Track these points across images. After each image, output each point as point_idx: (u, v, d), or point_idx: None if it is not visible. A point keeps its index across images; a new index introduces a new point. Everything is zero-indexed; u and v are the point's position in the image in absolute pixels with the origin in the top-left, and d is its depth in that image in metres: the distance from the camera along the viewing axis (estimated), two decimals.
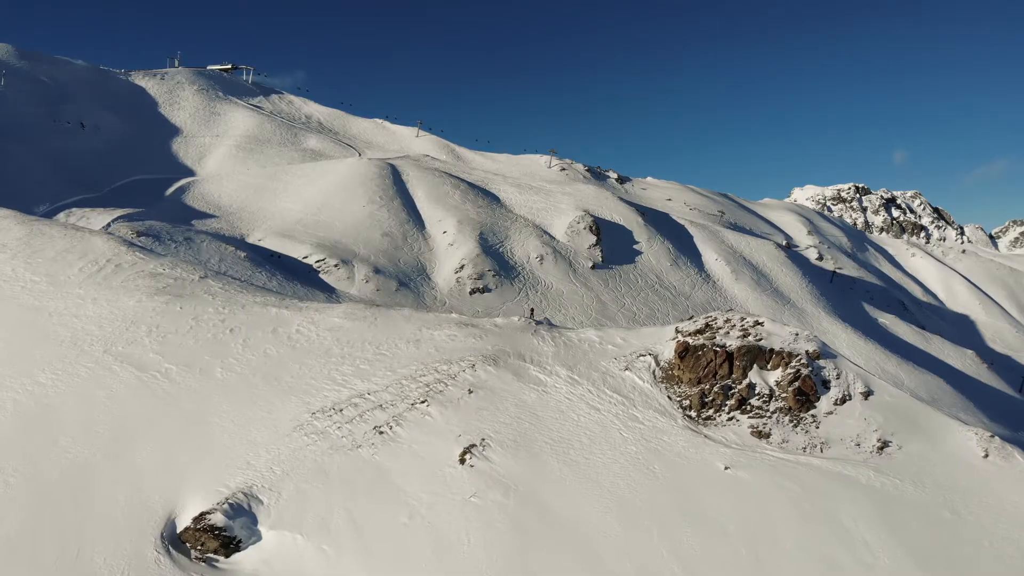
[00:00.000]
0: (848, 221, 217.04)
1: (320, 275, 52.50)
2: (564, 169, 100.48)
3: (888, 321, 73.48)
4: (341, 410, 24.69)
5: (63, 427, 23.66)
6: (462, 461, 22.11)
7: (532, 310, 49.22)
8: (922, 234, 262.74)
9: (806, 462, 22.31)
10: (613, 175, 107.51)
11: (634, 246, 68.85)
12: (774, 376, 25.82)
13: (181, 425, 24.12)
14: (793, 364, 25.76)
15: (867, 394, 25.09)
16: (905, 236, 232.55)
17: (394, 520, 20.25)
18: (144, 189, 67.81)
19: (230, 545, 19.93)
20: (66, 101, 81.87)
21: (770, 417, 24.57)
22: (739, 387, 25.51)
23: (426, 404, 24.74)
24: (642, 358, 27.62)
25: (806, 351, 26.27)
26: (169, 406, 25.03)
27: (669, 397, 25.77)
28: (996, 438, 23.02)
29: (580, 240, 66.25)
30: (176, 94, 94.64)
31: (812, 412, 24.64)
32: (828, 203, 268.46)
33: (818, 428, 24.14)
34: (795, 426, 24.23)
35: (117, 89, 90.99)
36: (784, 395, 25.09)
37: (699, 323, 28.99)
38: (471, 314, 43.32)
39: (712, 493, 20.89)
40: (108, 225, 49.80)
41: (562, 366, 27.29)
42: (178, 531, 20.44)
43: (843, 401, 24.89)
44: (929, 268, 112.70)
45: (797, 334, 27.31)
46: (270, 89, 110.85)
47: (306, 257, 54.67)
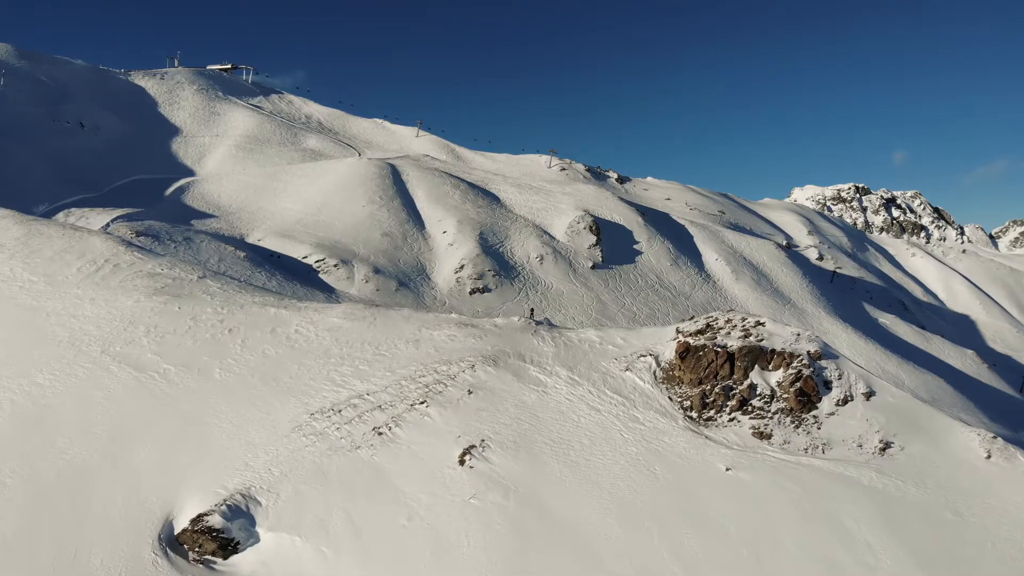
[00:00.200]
0: (848, 221, 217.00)
1: (320, 275, 52.38)
2: (564, 169, 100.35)
3: (888, 321, 73.36)
4: (340, 411, 24.57)
5: (60, 428, 23.56)
6: (461, 462, 21.99)
7: (532, 310, 49.10)
8: (922, 234, 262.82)
9: (808, 463, 22.21)
10: (613, 175, 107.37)
11: (634, 246, 68.75)
12: (775, 377, 25.70)
13: (179, 426, 24.02)
14: (795, 365, 25.63)
15: (869, 395, 24.97)
16: (905, 236, 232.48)
17: (393, 521, 20.15)
18: (144, 189, 67.65)
19: (228, 547, 19.83)
20: (66, 101, 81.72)
21: (771, 418, 24.45)
22: (740, 388, 25.38)
23: (425, 405, 24.62)
24: (643, 359, 27.50)
25: (807, 351, 26.15)
26: (167, 407, 24.92)
27: (670, 398, 25.65)
28: (999, 439, 22.91)
29: (580, 240, 66.14)
30: (176, 94, 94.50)
31: (814, 413, 24.53)
32: (828, 203, 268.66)
33: (820, 429, 24.02)
34: (797, 427, 24.10)
35: (117, 89, 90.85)
36: (785, 396, 24.97)
37: (700, 323, 28.87)
38: (471, 314, 43.21)
39: (713, 494, 20.81)
40: (107, 225, 49.66)
41: (562, 367, 27.17)
42: (176, 533, 20.34)
43: (845, 402, 24.78)
44: (929, 268, 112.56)
45: (799, 334, 27.20)
46: (270, 89, 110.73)
47: (306, 257, 54.56)
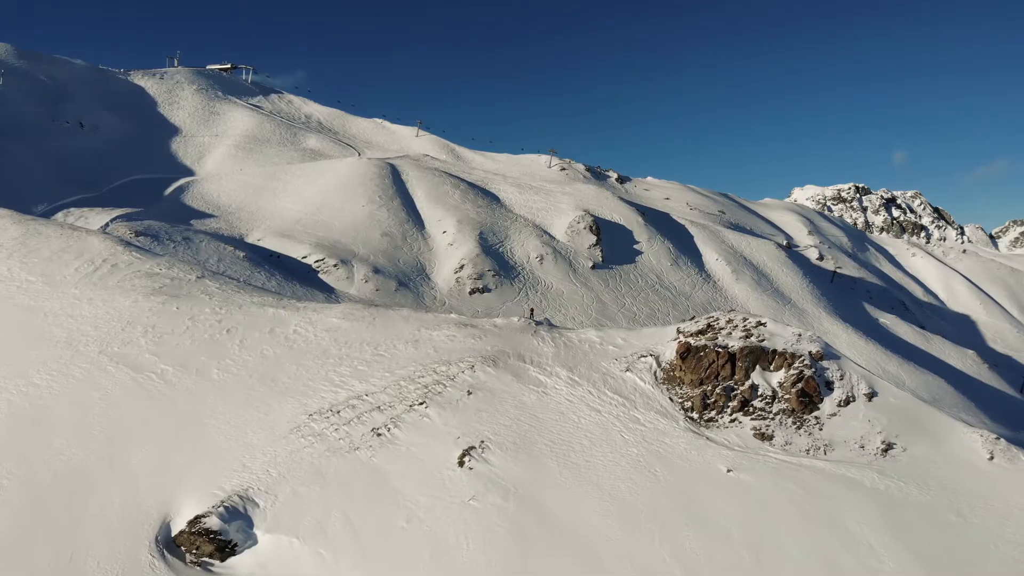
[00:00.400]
0: (848, 221, 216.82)
1: (319, 275, 52.26)
2: (564, 169, 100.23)
3: (889, 321, 73.24)
4: (338, 412, 24.42)
5: (57, 428, 23.41)
6: (461, 464, 21.84)
7: (532, 310, 48.98)
8: (922, 234, 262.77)
9: (809, 464, 22.06)
10: (613, 175, 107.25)
11: (634, 246, 68.62)
12: (777, 377, 25.54)
13: (177, 427, 23.86)
14: (796, 365, 25.48)
15: (871, 395, 24.83)
16: (905, 236, 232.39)
17: (392, 523, 20.00)
18: (143, 189, 67.54)
19: (225, 549, 19.68)
20: (65, 101, 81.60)
21: (773, 419, 24.30)
22: (741, 388, 25.23)
23: (424, 406, 24.47)
24: (643, 359, 27.35)
25: (809, 352, 26.00)
26: (164, 407, 24.77)
27: (671, 399, 25.50)
28: (1001, 440, 22.77)
29: (580, 240, 66.00)
30: (175, 94, 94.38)
31: (815, 414, 24.38)
32: (828, 203, 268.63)
33: (821, 430, 23.87)
34: (798, 428, 23.95)
35: (116, 89, 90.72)
36: (787, 396, 24.82)
37: (701, 323, 28.72)
38: (471, 314, 43.06)
39: (714, 496, 20.66)
40: (106, 225, 49.53)
41: (562, 367, 27.02)
42: (173, 534, 20.19)
43: (847, 403, 24.63)
44: (930, 268, 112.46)
45: (800, 335, 27.05)
46: (269, 89, 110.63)
47: (305, 257, 54.44)
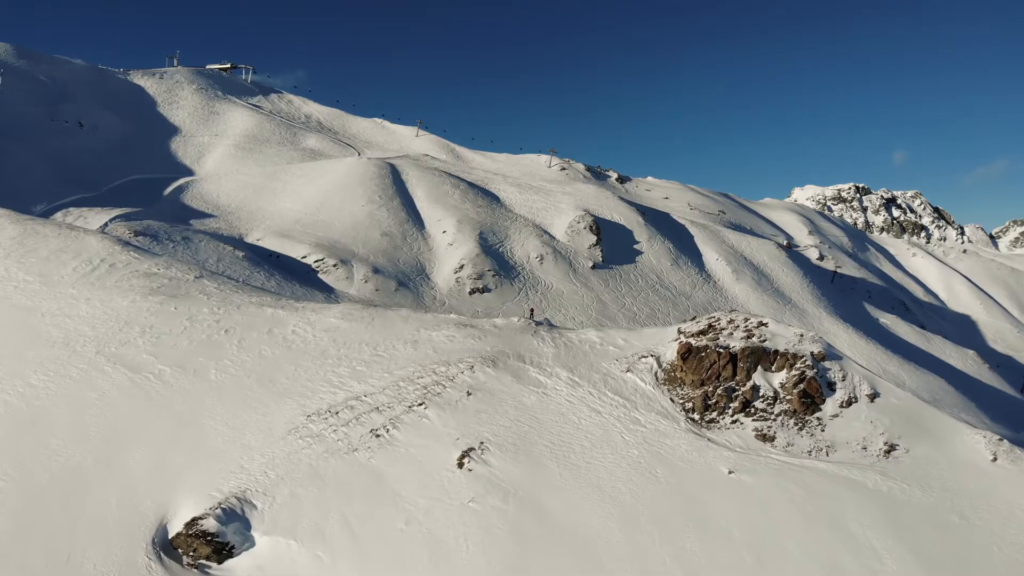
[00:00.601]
0: (848, 221, 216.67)
1: (319, 275, 52.09)
2: (564, 169, 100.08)
3: (889, 321, 73.08)
4: (337, 413, 24.28)
5: (54, 429, 23.27)
6: (460, 465, 21.69)
7: (532, 310, 48.82)
8: (922, 234, 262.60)
9: (811, 466, 21.91)
10: (613, 175, 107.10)
11: (634, 246, 68.46)
12: (778, 378, 25.39)
13: (174, 428, 23.72)
14: (798, 366, 25.33)
15: (873, 396, 24.67)
16: (906, 236, 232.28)
17: (391, 525, 19.86)
18: (142, 188, 67.33)
19: (223, 551, 19.54)
20: (65, 100, 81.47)
21: (774, 420, 24.15)
22: (743, 389, 25.08)
23: (424, 407, 24.31)
24: (644, 359, 27.20)
25: (811, 352, 25.85)
26: (162, 408, 24.63)
27: (671, 399, 25.35)
28: (1004, 441, 22.63)
29: (580, 240, 65.85)
30: (175, 93, 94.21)
31: (817, 415, 24.23)
32: (828, 203, 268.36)
33: (823, 431, 23.71)
34: (800, 429, 23.80)
35: (116, 88, 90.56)
36: (789, 397, 24.67)
37: (702, 324, 28.55)
38: (470, 314, 42.92)
39: (716, 498, 20.52)
40: (105, 224, 49.38)
41: (562, 368, 26.88)
42: (170, 536, 20.05)
43: (849, 403, 24.47)
44: (930, 268, 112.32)
45: (802, 335, 26.89)
46: (269, 88, 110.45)
47: (305, 257, 54.27)
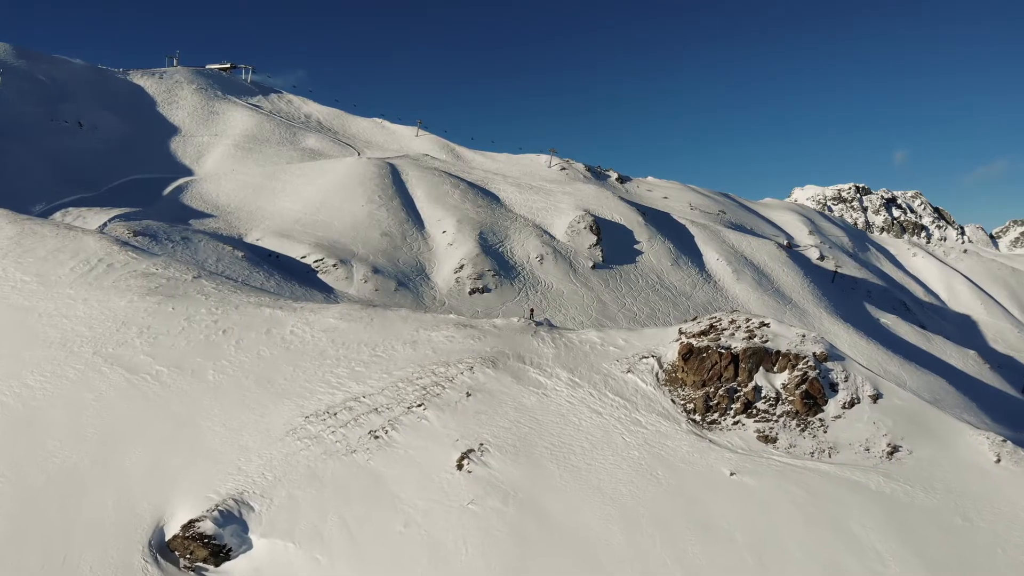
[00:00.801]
0: (849, 221, 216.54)
1: (318, 275, 51.95)
2: (564, 169, 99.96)
3: (890, 321, 72.95)
4: (335, 414, 24.11)
5: (51, 430, 23.13)
6: (459, 467, 21.53)
7: (532, 310, 48.66)
8: (923, 234, 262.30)
9: (814, 467, 21.74)
10: (613, 175, 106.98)
11: (635, 246, 68.33)
12: (780, 379, 25.22)
13: (171, 429, 23.56)
14: (800, 366, 25.16)
15: (876, 397, 24.50)
16: (906, 236, 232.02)
17: (389, 528, 19.70)
18: (142, 188, 67.21)
19: (220, 554, 19.37)
20: (64, 100, 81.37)
21: (776, 421, 23.98)
22: (745, 390, 24.91)
23: (423, 408, 24.15)
24: (645, 360, 27.04)
25: (813, 353, 25.68)
26: (159, 409, 24.47)
27: (673, 400, 25.18)
28: (1008, 442, 22.47)
29: (580, 240, 65.70)
30: (175, 93, 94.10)
31: (820, 416, 24.06)
32: (829, 203, 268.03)
33: (826, 432, 23.54)
34: (802, 430, 23.63)
35: (115, 88, 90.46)
36: (791, 398, 24.50)
37: (703, 324, 28.38)
38: (470, 314, 42.75)
39: (717, 499, 20.36)
40: (105, 224, 49.26)
41: (563, 368, 26.71)
42: (166, 539, 19.89)
43: (851, 404, 24.29)
44: (930, 268, 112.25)
45: (804, 336, 26.72)
46: (269, 88, 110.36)
47: (304, 257, 54.12)
